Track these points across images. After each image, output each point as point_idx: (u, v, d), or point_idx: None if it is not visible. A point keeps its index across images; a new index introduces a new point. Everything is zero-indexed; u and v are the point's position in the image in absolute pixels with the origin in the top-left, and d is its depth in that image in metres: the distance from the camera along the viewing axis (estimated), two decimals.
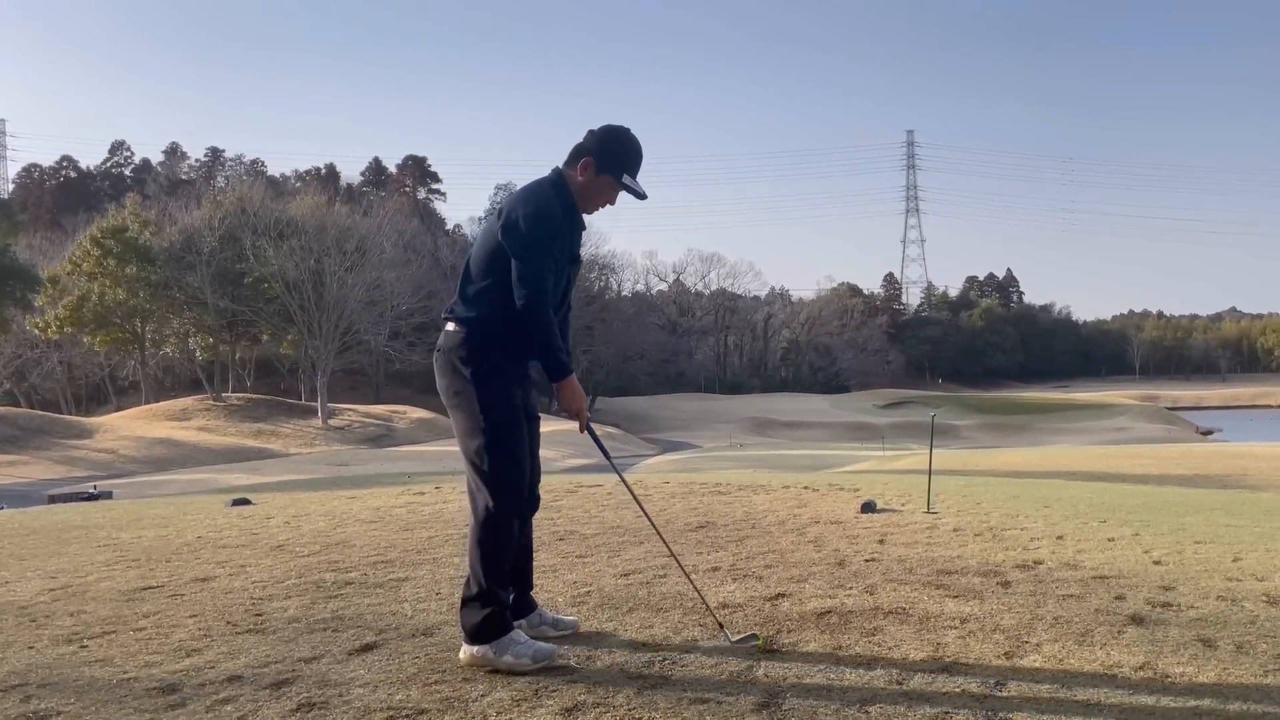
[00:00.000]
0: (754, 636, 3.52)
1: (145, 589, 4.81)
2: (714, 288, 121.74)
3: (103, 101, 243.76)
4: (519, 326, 3.36)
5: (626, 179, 3.48)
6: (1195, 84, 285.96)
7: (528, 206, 3.36)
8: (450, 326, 3.48)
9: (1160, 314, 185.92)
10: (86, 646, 3.72)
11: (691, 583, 3.94)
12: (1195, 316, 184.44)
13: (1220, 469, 23.56)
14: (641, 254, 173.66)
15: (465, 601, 3.39)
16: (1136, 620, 3.80)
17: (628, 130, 3.53)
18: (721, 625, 3.64)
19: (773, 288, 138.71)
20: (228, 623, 4.02)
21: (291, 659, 3.46)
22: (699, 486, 9.40)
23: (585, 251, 4.06)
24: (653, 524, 4.11)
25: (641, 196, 3.52)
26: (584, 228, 3.63)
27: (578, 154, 3.49)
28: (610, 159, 3.46)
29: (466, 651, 3.33)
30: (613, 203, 3.57)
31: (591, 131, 3.51)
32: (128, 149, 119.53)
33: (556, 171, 3.53)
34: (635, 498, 4.02)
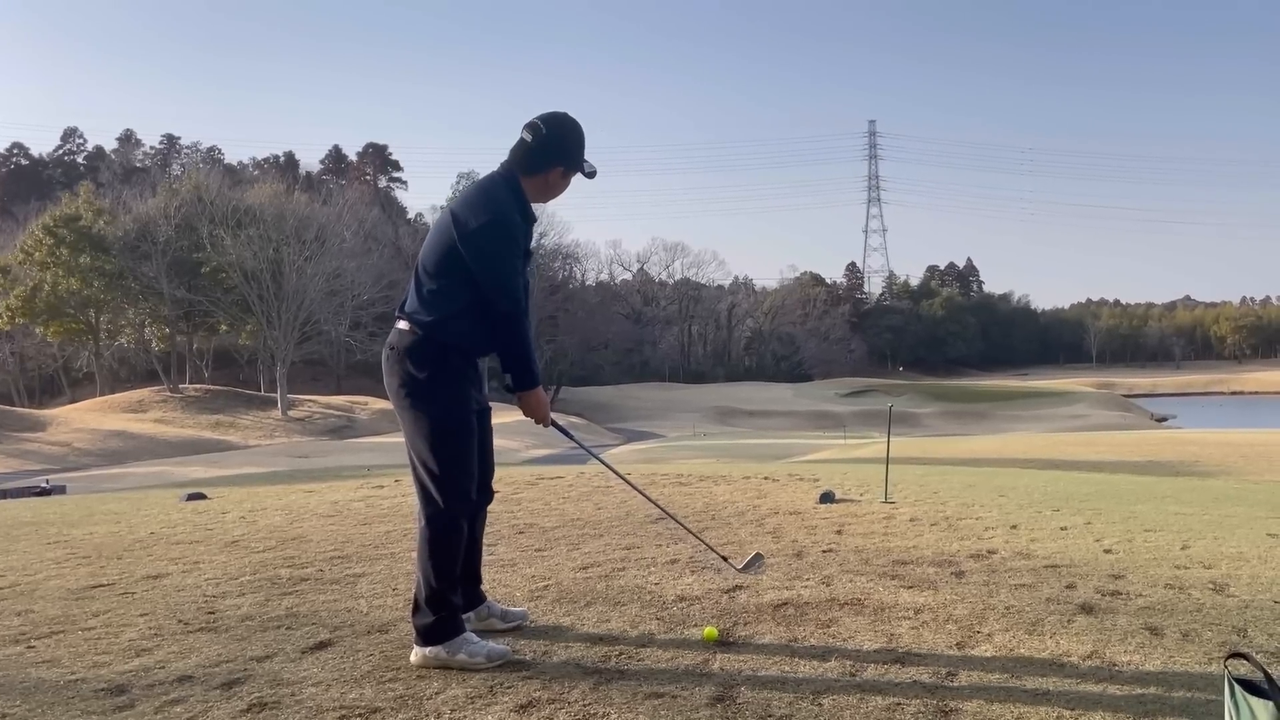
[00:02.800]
0: (759, 557, 3.93)
1: (95, 587, 4.73)
2: (678, 277, 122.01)
3: (54, 88, 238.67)
4: (473, 328, 3.36)
5: (587, 166, 3.47)
6: (1154, 75, 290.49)
7: (484, 215, 3.30)
8: (403, 325, 3.43)
9: (1116, 302, 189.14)
10: (34, 647, 3.66)
11: (686, 528, 3.95)
12: (1151, 305, 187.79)
13: (1173, 455, 24.05)
14: (605, 243, 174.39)
15: (416, 604, 3.37)
16: (1086, 609, 3.86)
17: (569, 117, 3.46)
18: (725, 558, 4.03)
19: (736, 277, 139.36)
20: (179, 621, 3.97)
21: (244, 658, 3.42)
22: (660, 478, 9.41)
23: (549, 241, 4.10)
24: (652, 501, 4.24)
25: (592, 174, 3.50)
26: (534, 220, 3.61)
27: (538, 159, 3.40)
28: (572, 157, 3.44)
29: (418, 653, 3.31)
30: (566, 188, 3.57)
31: (538, 129, 3.39)
32: (80, 136, 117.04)
33: (507, 169, 3.44)
34: (623, 478, 4.07)
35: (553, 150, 3.40)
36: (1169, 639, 3.46)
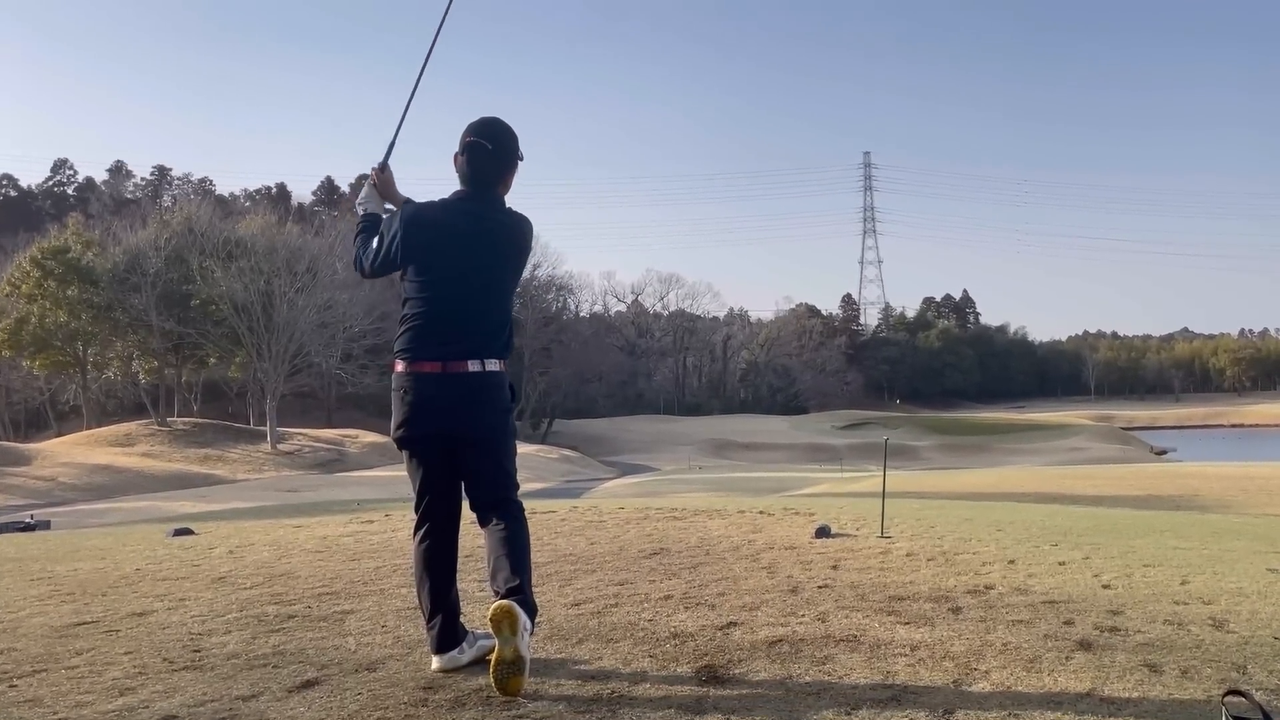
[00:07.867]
0: None
1: (79, 624, 4.66)
2: (672, 308, 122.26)
3: (44, 119, 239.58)
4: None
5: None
6: (1148, 107, 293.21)
7: None
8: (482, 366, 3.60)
9: (1114, 334, 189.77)
10: (15, 686, 3.59)
11: None
12: (1148, 337, 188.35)
13: (1172, 489, 24.03)
14: (599, 274, 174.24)
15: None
16: (1084, 646, 3.81)
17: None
18: None
19: (731, 309, 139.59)
20: (164, 660, 3.90)
21: (229, 697, 3.35)
22: (654, 512, 9.36)
23: (542, 272, 4.18)
24: None
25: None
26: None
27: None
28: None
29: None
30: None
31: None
32: (71, 167, 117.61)
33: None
34: None
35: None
36: (1168, 676, 3.41)
